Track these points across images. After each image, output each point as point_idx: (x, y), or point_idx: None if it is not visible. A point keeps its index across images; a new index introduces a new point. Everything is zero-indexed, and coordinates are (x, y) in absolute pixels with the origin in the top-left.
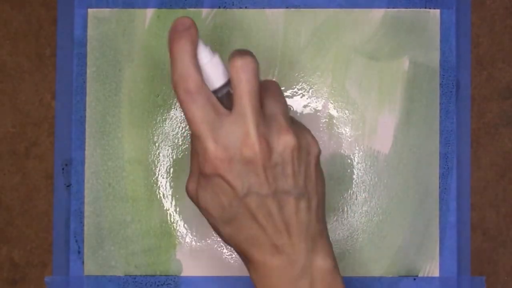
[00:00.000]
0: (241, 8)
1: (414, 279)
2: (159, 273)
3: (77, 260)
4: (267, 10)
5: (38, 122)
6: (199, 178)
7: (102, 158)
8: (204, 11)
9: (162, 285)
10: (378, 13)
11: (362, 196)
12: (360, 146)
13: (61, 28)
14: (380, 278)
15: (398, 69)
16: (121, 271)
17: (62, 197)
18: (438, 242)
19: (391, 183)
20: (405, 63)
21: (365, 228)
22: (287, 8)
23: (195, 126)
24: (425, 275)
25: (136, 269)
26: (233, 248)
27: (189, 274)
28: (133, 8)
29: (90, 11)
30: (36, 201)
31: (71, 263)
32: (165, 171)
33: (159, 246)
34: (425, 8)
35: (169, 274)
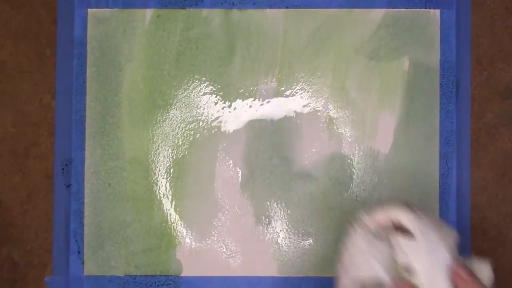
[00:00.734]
0: (241, 8)
1: None
2: (159, 273)
3: (77, 260)
4: (267, 10)
5: (38, 122)
6: None
7: (102, 158)
8: (204, 11)
9: (162, 285)
10: (378, 13)
11: (362, 196)
12: (360, 146)
13: (61, 28)
14: None
15: (398, 69)
16: (121, 271)
17: (62, 197)
18: None
19: (391, 183)
20: (405, 63)
21: None
22: (287, 8)
23: None
24: None
25: (136, 269)
26: None
27: (189, 274)
28: (133, 8)
29: (90, 11)
30: (36, 201)
31: (71, 263)
32: (165, 171)
33: (159, 246)
34: (425, 8)
35: (169, 274)
